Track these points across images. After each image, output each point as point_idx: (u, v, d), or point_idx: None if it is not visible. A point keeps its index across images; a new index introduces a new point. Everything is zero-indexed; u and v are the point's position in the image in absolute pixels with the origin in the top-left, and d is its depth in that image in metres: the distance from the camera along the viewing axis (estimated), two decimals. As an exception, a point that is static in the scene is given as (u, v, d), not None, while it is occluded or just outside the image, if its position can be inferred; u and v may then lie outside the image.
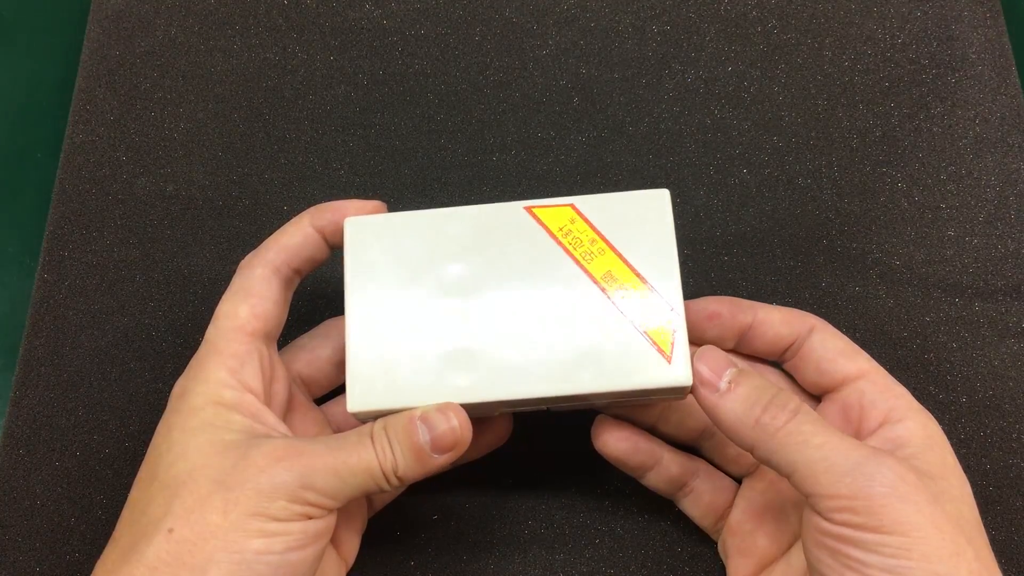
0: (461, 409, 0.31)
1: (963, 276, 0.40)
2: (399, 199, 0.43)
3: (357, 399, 0.32)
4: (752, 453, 0.30)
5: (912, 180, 0.42)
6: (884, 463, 0.28)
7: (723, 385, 0.31)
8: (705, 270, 0.41)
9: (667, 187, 0.42)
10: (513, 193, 0.43)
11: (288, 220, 0.35)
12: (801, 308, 0.40)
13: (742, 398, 0.30)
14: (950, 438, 0.38)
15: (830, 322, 0.40)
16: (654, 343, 0.31)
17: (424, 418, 0.31)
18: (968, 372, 0.39)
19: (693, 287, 0.41)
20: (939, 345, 0.40)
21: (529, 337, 0.31)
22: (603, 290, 0.31)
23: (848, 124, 0.43)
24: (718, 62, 0.44)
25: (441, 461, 0.31)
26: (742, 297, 0.40)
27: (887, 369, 0.39)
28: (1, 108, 0.48)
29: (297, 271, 0.34)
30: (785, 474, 0.29)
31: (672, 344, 0.31)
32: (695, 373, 0.31)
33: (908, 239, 0.41)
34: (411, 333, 0.32)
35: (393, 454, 0.30)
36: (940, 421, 0.38)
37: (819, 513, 0.28)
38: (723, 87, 0.44)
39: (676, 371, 0.31)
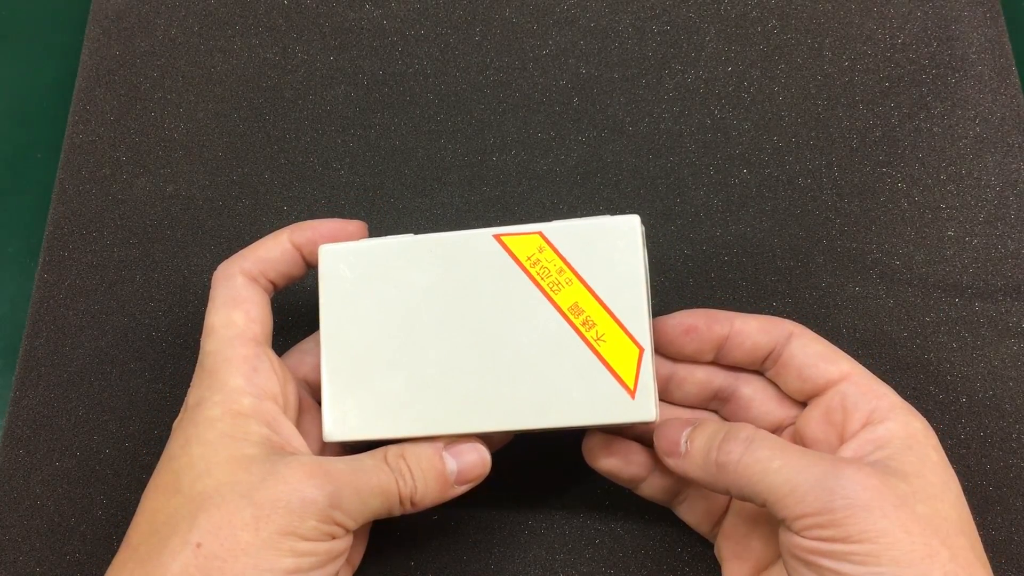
0: (482, 442, 0.33)
1: (963, 276, 0.40)
2: (399, 199, 0.43)
3: (332, 429, 0.33)
4: (732, 495, 0.31)
5: (912, 180, 0.42)
6: (843, 475, 0.28)
7: (683, 448, 0.32)
8: (705, 270, 0.41)
9: (667, 187, 0.42)
10: (514, 193, 0.43)
11: (287, 222, 0.35)
12: (801, 308, 0.40)
13: (699, 449, 0.31)
14: (950, 438, 0.38)
15: (830, 322, 0.40)
16: (618, 378, 0.31)
17: (451, 448, 0.32)
18: (968, 372, 0.39)
19: (693, 287, 0.41)
20: (939, 345, 0.40)
21: (497, 370, 0.32)
22: (569, 323, 0.32)
23: (848, 124, 0.43)
24: (718, 62, 0.44)
25: (460, 491, 0.32)
26: (742, 297, 0.40)
27: (887, 369, 0.39)
28: (1, 108, 0.48)
29: (272, 283, 0.34)
30: (759, 504, 0.30)
31: (636, 379, 0.31)
32: (658, 449, 0.32)
33: (908, 239, 0.41)
34: (383, 364, 0.32)
35: (413, 480, 0.31)
36: (940, 421, 0.38)
37: (792, 531, 0.29)
38: (723, 87, 0.44)
39: (639, 407, 0.31)
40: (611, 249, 0.32)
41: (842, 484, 0.28)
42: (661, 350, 0.34)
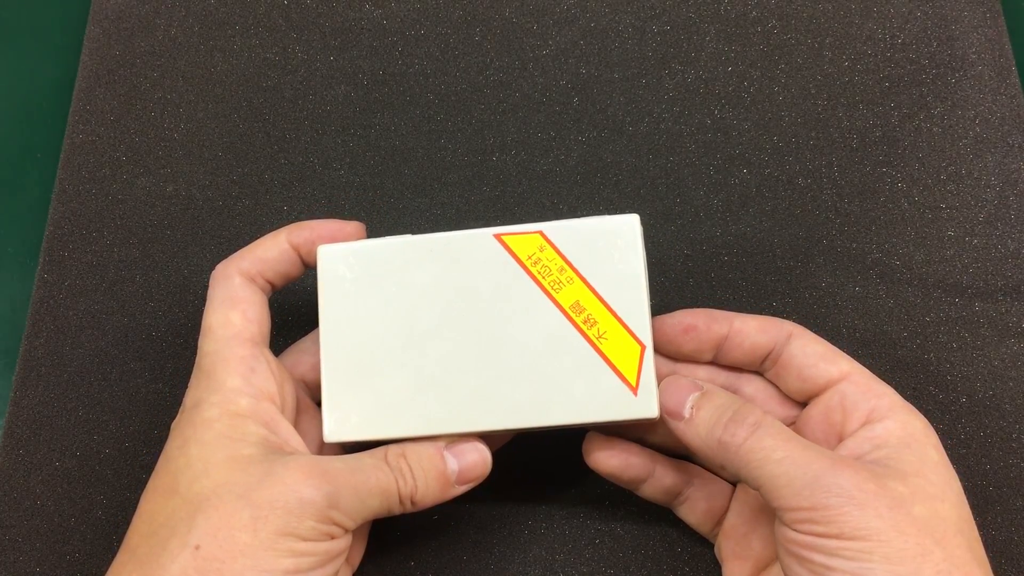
0: (483, 442, 0.32)
1: (963, 276, 0.40)
2: (399, 199, 0.43)
3: (333, 429, 0.32)
4: (725, 471, 0.31)
5: (912, 180, 0.42)
6: (842, 474, 0.28)
7: (687, 412, 0.31)
8: (705, 270, 0.41)
9: (667, 187, 0.42)
10: (514, 193, 0.43)
11: (287, 222, 0.35)
12: (801, 308, 0.40)
13: (704, 421, 0.31)
14: (950, 438, 0.38)
15: (830, 322, 0.40)
16: (620, 375, 0.31)
17: (452, 447, 0.32)
18: (968, 372, 0.39)
19: (693, 287, 0.41)
20: (939, 345, 0.40)
21: (498, 368, 0.32)
22: (571, 321, 0.32)
23: (848, 124, 0.43)
24: (718, 62, 0.44)
25: (461, 491, 0.32)
26: (742, 296, 0.40)
27: (887, 369, 0.39)
28: (1, 108, 0.48)
29: (270, 283, 0.34)
30: (754, 488, 0.30)
31: (638, 376, 0.31)
32: (661, 406, 0.32)
33: (908, 239, 0.41)
34: (384, 364, 0.32)
35: (414, 480, 0.31)
36: (940, 421, 0.38)
37: (785, 524, 0.29)
38: (723, 87, 0.44)
39: (642, 404, 0.31)
40: (611, 248, 0.32)
41: (839, 482, 0.28)
42: (660, 349, 0.34)
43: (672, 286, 0.41)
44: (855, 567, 0.27)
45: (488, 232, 0.33)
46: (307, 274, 0.35)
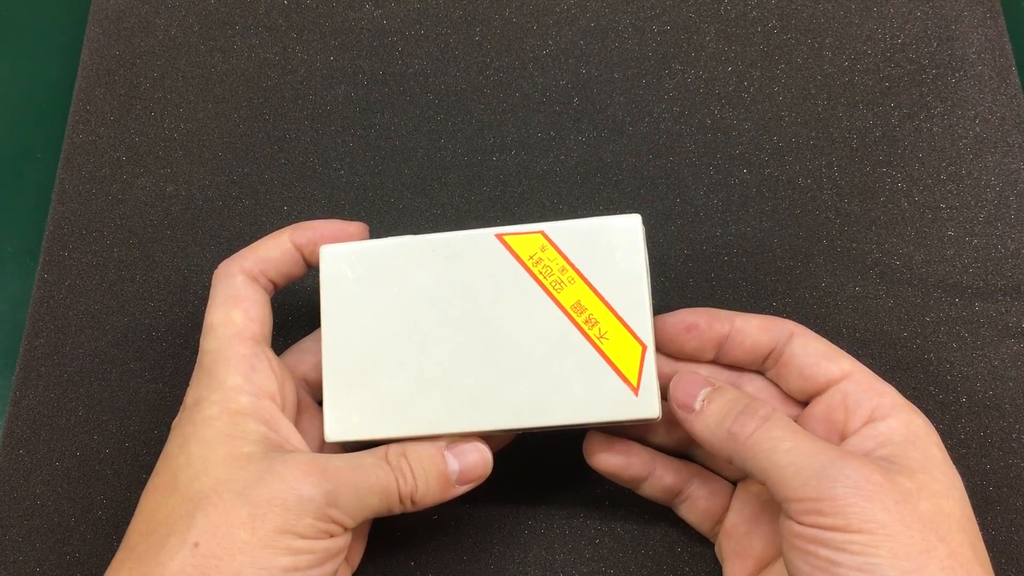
0: (484, 443, 0.32)
1: (963, 276, 0.40)
2: (399, 199, 0.43)
3: (334, 428, 0.32)
4: (732, 464, 0.31)
5: (912, 180, 0.42)
6: (849, 465, 0.28)
7: (698, 405, 0.32)
8: (705, 270, 0.41)
9: (667, 187, 0.42)
10: (514, 193, 0.43)
11: (287, 222, 0.35)
12: (801, 308, 0.40)
13: (715, 413, 0.31)
14: (950, 438, 0.38)
15: (830, 322, 0.40)
16: (622, 375, 0.31)
17: (453, 448, 0.32)
18: (968, 372, 0.39)
19: (693, 288, 0.41)
20: (939, 345, 0.40)
21: (500, 368, 0.32)
22: (572, 321, 0.32)
23: (848, 124, 0.43)
24: (718, 62, 0.44)
25: (462, 491, 0.32)
26: (742, 296, 0.40)
27: (887, 369, 0.39)
28: (1, 108, 0.48)
29: (273, 282, 0.34)
30: (760, 480, 0.30)
31: (640, 376, 0.31)
32: (672, 398, 0.32)
33: (908, 239, 0.41)
34: (385, 364, 0.32)
35: (414, 479, 0.31)
36: (940, 421, 0.38)
37: (790, 516, 0.29)
38: (723, 87, 0.44)
39: (643, 404, 0.31)
40: (613, 248, 0.32)
41: (846, 473, 0.28)
42: (662, 348, 0.34)
43: (672, 286, 0.41)
44: (861, 562, 0.27)
45: (489, 232, 0.33)
46: (309, 274, 0.35)
